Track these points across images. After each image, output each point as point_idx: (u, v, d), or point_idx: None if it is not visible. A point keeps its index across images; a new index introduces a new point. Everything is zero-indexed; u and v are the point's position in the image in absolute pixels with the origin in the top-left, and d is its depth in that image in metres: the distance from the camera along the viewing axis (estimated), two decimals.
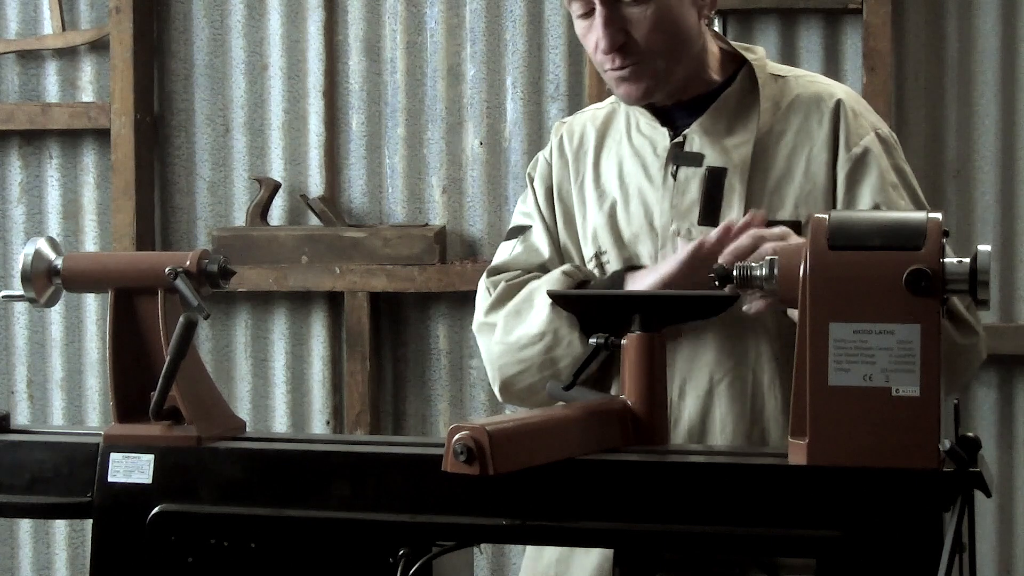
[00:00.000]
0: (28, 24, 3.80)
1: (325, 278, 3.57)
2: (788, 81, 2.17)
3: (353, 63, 3.66)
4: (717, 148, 2.12)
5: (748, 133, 2.12)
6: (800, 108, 2.13)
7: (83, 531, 3.76)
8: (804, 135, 2.11)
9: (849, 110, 2.12)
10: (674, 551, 1.67)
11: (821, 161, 2.09)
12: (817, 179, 2.09)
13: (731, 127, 2.13)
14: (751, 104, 2.14)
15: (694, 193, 2.11)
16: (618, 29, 2.06)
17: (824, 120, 2.11)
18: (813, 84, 2.18)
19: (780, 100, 2.14)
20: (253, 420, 3.68)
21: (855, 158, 2.09)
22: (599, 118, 2.27)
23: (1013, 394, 3.43)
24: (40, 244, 1.85)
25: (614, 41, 2.06)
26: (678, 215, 2.11)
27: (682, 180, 2.12)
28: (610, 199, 2.18)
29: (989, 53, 3.40)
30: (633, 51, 2.07)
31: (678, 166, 2.13)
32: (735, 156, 2.10)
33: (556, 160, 2.27)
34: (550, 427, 1.66)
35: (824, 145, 2.10)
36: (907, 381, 1.53)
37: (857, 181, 2.08)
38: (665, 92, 2.13)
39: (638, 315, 1.80)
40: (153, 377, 1.76)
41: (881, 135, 2.13)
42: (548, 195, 2.27)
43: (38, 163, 3.80)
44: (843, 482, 1.55)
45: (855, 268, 1.54)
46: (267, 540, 1.71)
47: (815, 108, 2.13)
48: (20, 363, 3.83)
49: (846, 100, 2.14)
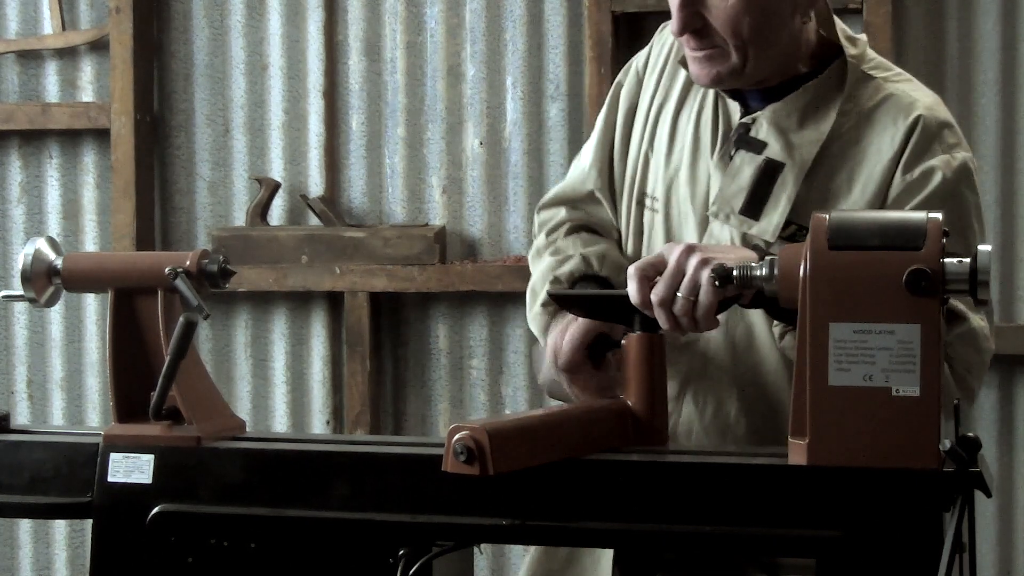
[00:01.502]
0: (28, 24, 3.80)
1: (325, 278, 3.57)
2: (879, 84, 2.02)
3: (353, 63, 3.66)
4: (782, 140, 1.99)
5: (819, 132, 1.99)
6: (879, 117, 1.99)
7: (83, 531, 3.76)
8: (874, 148, 1.98)
9: (924, 129, 1.97)
10: (674, 551, 1.67)
11: (880, 178, 1.96)
12: (870, 195, 1.96)
13: (803, 121, 2.00)
14: (831, 101, 2.00)
15: (744, 180, 2.00)
16: (693, 12, 1.95)
17: (898, 136, 1.97)
18: (900, 92, 2.02)
19: (864, 104, 2.00)
20: (253, 420, 3.67)
21: (908, 184, 1.95)
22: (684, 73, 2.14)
23: (1013, 394, 3.43)
24: (40, 244, 1.85)
25: (686, 24, 1.95)
26: (722, 198, 2.00)
27: (737, 163, 2.01)
28: (679, 146, 2.09)
29: (989, 53, 3.40)
30: (707, 37, 1.96)
31: (738, 148, 2.02)
32: (798, 154, 1.98)
33: (651, 76, 2.16)
34: (550, 427, 1.66)
35: (889, 162, 1.96)
36: (907, 381, 1.53)
37: (900, 207, 1.93)
38: (739, 83, 2.01)
39: (638, 315, 1.80)
40: (153, 377, 1.76)
41: (952, 160, 1.97)
42: (630, 113, 2.17)
43: (38, 163, 3.80)
44: (843, 482, 1.55)
45: (855, 268, 1.54)
46: (267, 540, 1.71)
47: (892, 121, 1.98)
48: (20, 363, 3.83)
49: (926, 117, 1.98)
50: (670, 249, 1.78)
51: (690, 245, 1.76)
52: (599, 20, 3.42)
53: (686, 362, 2.05)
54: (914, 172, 1.95)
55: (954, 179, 1.96)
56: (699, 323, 1.76)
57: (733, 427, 2.04)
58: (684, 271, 1.74)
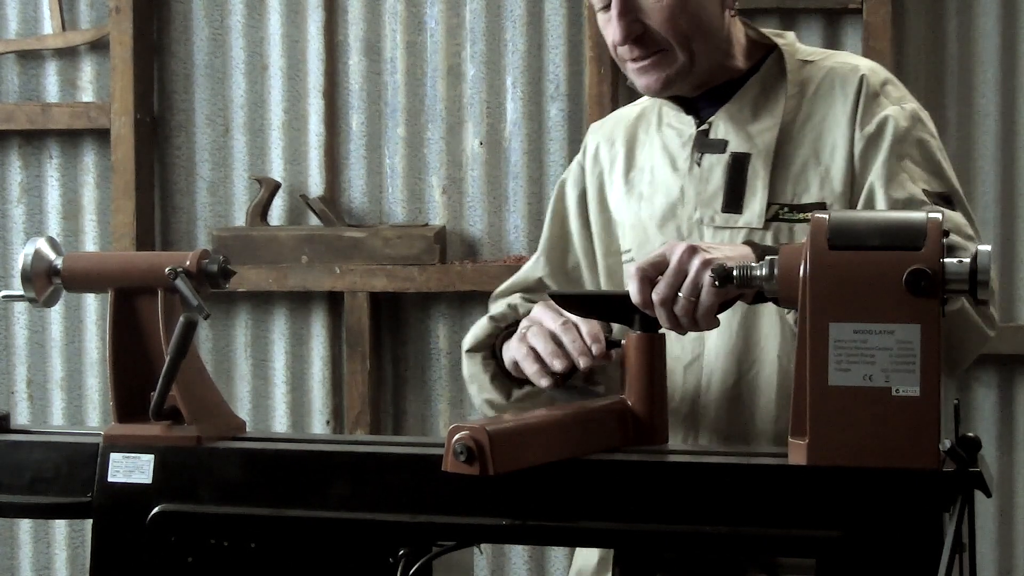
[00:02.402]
0: (28, 24, 3.80)
1: (325, 278, 3.57)
2: (816, 64, 2.13)
3: (353, 63, 3.66)
4: (742, 134, 2.09)
5: (773, 119, 2.09)
6: (826, 90, 2.10)
7: (83, 531, 3.76)
8: (831, 118, 2.08)
9: (869, 86, 2.08)
10: (674, 551, 1.67)
11: (843, 141, 2.05)
12: (840, 160, 2.05)
13: (756, 113, 2.10)
14: (778, 89, 2.11)
15: (718, 180, 2.08)
16: (634, 19, 2.04)
17: (848, 100, 2.07)
18: (839, 64, 2.13)
19: (807, 85, 2.10)
20: (253, 420, 3.67)
21: (868, 137, 2.05)
22: (631, 117, 2.27)
23: (1013, 394, 3.43)
24: (40, 244, 1.85)
25: (630, 31, 2.04)
26: (702, 203, 2.09)
27: (706, 167, 2.10)
28: (637, 193, 2.18)
29: (989, 53, 3.40)
30: (650, 42, 2.05)
31: (702, 153, 2.11)
32: (759, 141, 2.07)
33: (590, 163, 2.27)
34: (550, 427, 1.66)
35: (847, 124, 2.06)
36: (907, 381, 1.53)
37: (868, 162, 2.04)
38: (687, 83, 2.10)
39: (638, 315, 1.80)
40: (153, 377, 1.76)
41: (903, 110, 2.08)
42: (581, 199, 2.27)
43: (38, 163, 3.80)
44: (843, 482, 1.55)
45: (855, 268, 1.54)
46: (267, 540, 1.71)
47: (840, 88, 2.08)
48: (20, 363, 3.83)
49: (869, 76, 2.09)
50: (671, 249, 1.78)
51: (692, 245, 1.77)
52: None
53: (693, 380, 2.08)
54: (871, 125, 2.05)
55: (910, 124, 2.07)
56: (700, 323, 1.76)
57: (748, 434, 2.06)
58: (686, 271, 1.75)
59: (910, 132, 2.06)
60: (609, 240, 2.24)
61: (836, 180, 2.04)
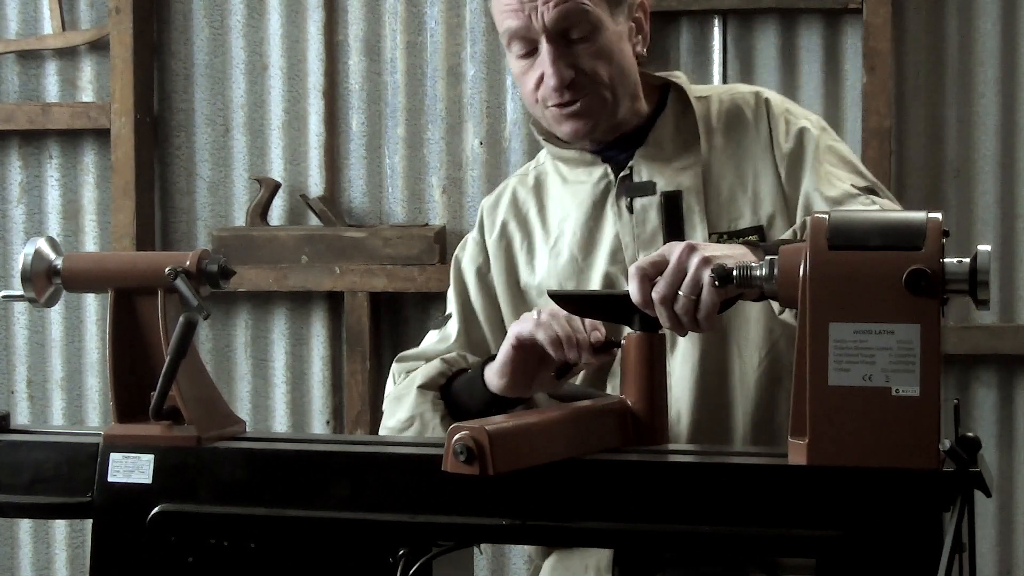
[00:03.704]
0: (28, 24, 3.80)
1: (325, 278, 3.57)
2: (711, 99, 2.19)
3: (353, 63, 3.66)
4: (667, 173, 2.12)
5: (694, 154, 2.13)
6: (733, 120, 2.16)
7: (83, 531, 3.76)
8: (744, 146, 2.13)
9: (775, 107, 2.16)
10: (674, 551, 1.67)
11: (765, 163, 2.11)
12: (766, 182, 2.10)
13: (675, 152, 2.14)
14: (688, 126, 2.16)
15: (654, 220, 2.11)
16: (567, 65, 2.06)
17: (760, 124, 2.14)
18: (737, 93, 2.20)
19: (709, 119, 2.16)
20: (253, 420, 3.67)
21: (789, 153, 2.11)
22: (529, 182, 2.27)
23: (1013, 394, 3.43)
24: (40, 244, 1.85)
25: (564, 77, 2.06)
26: (643, 245, 2.11)
27: (639, 210, 2.12)
28: (566, 256, 2.17)
29: (989, 53, 3.40)
30: (582, 86, 2.08)
31: (632, 198, 2.13)
32: (685, 178, 2.11)
33: (494, 240, 2.25)
34: (550, 427, 1.66)
35: (765, 147, 2.12)
36: (907, 381, 1.53)
37: (797, 175, 2.10)
38: (608, 125, 2.13)
39: (638, 315, 1.80)
40: (153, 377, 1.76)
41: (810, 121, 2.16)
42: (481, 272, 2.25)
43: (38, 163, 3.80)
44: (843, 482, 1.55)
45: (855, 268, 1.54)
46: (267, 540, 1.71)
47: (748, 114, 2.15)
48: (20, 363, 3.83)
49: (771, 99, 2.18)
50: (671, 248, 1.79)
51: (691, 244, 1.77)
52: None
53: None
54: (789, 141, 2.12)
55: (819, 133, 2.15)
56: (700, 323, 1.76)
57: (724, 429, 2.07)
58: (686, 270, 1.75)
59: (822, 139, 2.13)
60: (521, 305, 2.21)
61: (767, 202, 2.09)
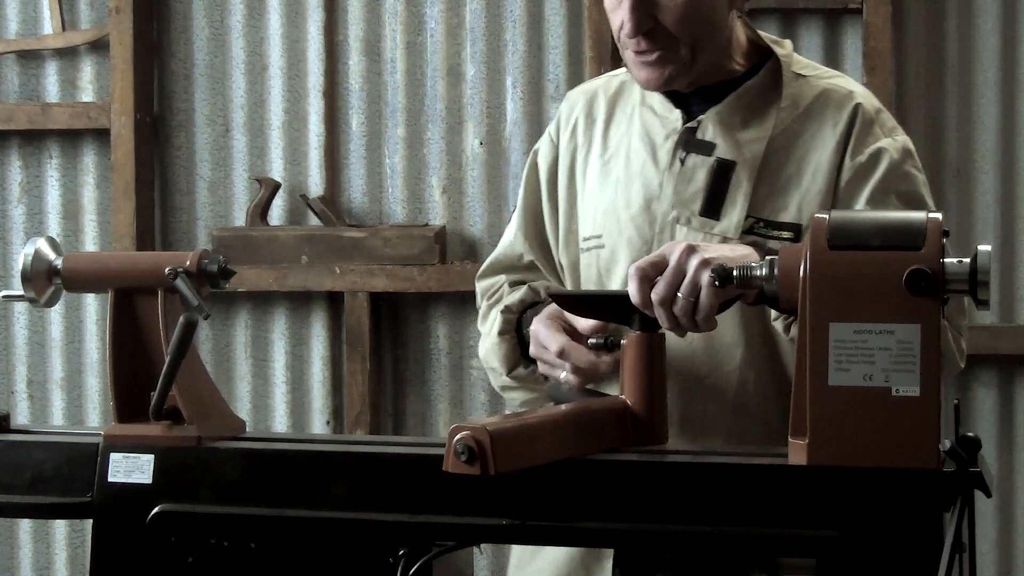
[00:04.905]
0: (28, 24, 3.80)
1: (325, 278, 3.57)
2: (809, 81, 2.11)
3: (353, 63, 3.66)
4: (730, 140, 2.06)
5: (763, 130, 2.06)
6: (818, 110, 2.08)
7: (83, 531, 3.76)
8: (819, 139, 2.06)
9: (864, 115, 2.07)
10: (674, 551, 1.67)
11: (829, 166, 2.04)
12: (821, 184, 2.03)
13: (747, 120, 2.08)
14: (771, 100, 2.08)
15: (700, 182, 2.05)
16: (646, 14, 2.00)
17: (840, 124, 2.05)
18: (834, 86, 2.11)
19: (800, 100, 2.08)
20: (253, 420, 3.67)
21: (858, 167, 2.03)
22: (612, 88, 2.23)
23: (1013, 394, 3.43)
24: (40, 244, 1.85)
25: (640, 25, 2.00)
26: (680, 202, 2.06)
27: (689, 167, 2.07)
28: (614, 177, 2.14)
29: (989, 53, 3.40)
30: (659, 37, 2.01)
31: (688, 152, 2.08)
32: (747, 151, 2.05)
33: (566, 137, 2.23)
34: (550, 427, 1.66)
35: (835, 150, 2.04)
36: (907, 381, 1.53)
37: (855, 191, 2.03)
38: (685, 81, 2.07)
39: (638, 315, 1.80)
40: (153, 377, 1.76)
41: (895, 142, 2.07)
42: (551, 174, 2.23)
43: (38, 163, 3.80)
44: (843, 482, 1.55)
45: (855, 268, 1.54)
46: (267, 540, 1.71)
47: (833, 111, 2.07)
48: (20, 363, 3.83)
49: (864, 105, 2.08)
50: (670, 249, 1.78)
51: (691, 245, 1.77)
52: (599, 20, 3.42)
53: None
54: (863, 155, 2.04)
55: (901, 159, 2.06)
56: (699, 324, 1.76)
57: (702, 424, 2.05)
58: (685, 271, 1.75)
59: (900, 166, 2.06)
60: (569, 223, 2.19)
61: (815, 203, 2.02)
